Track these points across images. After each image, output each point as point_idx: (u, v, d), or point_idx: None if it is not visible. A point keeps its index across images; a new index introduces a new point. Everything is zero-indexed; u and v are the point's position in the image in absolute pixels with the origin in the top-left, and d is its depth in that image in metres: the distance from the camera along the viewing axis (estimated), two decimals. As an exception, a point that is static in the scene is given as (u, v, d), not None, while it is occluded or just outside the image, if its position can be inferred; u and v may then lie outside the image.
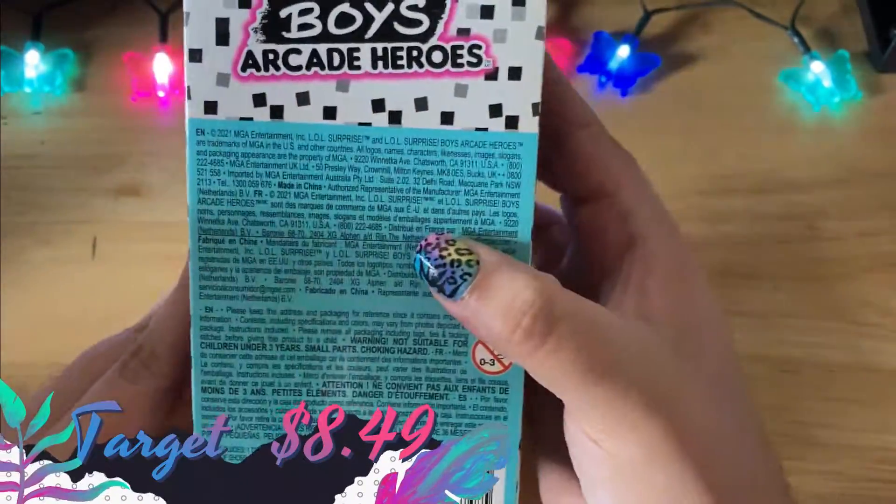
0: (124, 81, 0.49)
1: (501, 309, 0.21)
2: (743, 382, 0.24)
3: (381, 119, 0.22)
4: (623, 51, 0.49)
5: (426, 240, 0.22)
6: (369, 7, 0.22)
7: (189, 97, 0.22)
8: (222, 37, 0.22)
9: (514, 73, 0.22)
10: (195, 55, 0.22)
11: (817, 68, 0.49)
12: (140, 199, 0.46)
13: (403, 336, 0.23)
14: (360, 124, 0.22)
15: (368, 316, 0.23)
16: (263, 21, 0.22)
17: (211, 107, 0.22)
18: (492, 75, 0.22)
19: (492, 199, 0.23)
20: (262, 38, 0.22)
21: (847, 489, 0.38)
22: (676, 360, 0.23)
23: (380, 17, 0.22)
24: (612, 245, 0.25)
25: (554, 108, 0.27)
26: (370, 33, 0.22)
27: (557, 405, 0.25)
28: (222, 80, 0.22)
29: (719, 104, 0.49)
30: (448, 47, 0.22)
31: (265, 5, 0.22)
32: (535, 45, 0.22)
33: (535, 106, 0.22)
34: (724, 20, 0.52)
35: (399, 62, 0.22)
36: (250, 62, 0.22)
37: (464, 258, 0.22)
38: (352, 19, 0.22)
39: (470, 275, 0.22)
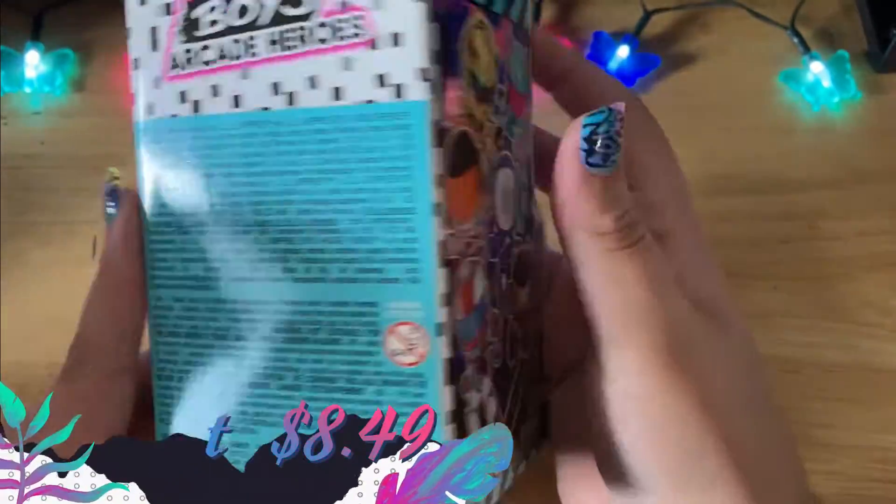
0: (124, 81, 0.49)
1: (620, 208, 0.22)
2: (762, 363, 0.25)
3: (280, 102, 0.22)
4: (623, 51, 0.49)
5: (619, 105, 0.22)
6: None
7: (135, 101, 0.24)
8: (154, 43, 0.23)
9: (396, 40, 0.21)
10: (136, 63, 0.24)
11: (817, 68, 0.49)
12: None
13: (317, 325, 0.22)
14: (262, 109, 0.22)
15: (285, 304, 0.23)
16: (182, 23, 0.23)
17: (149, 108, 0.24)
18: (373, 44, 0.21)
19: (388, 175, 0.21)
20: (183, 39, 0.23)
21: (847, 489, 0.38)
22: (707, 327, 0.24)
23: (270, 4, 0.22)
24: None
25: (587, 97, 0.27)
26: (264, 20, 0.22)
27: (571, 400, 0.26)
28: (156, 82, 0.24)
29: (719, 104, 0.49)
30: (331, 22, 0.22)
31: (183, 10, 0.23)
32: (414, 7, 0.21)
33: (421, 72, 0.21)
34: (724, 20, 0.52)
35: (289, 44, 0.22)
36: (175, 63, 0.23)
37: (620, 150, 0.22)
38: (248, 9, 0.23)
39: (615, 163, 0.22)
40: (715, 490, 0.22)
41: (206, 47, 0.23)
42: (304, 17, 0.22)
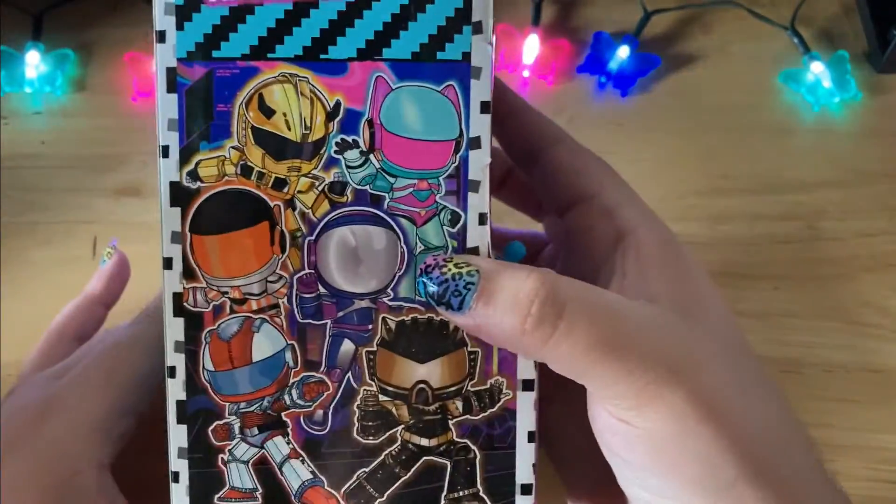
0: (124, 81, 0.49)
1: (509, 305, 0.22)
2: (749, 345, 0.25)
3: None
4: (623, 51, 0.49)
5: (425, 263, 0.23)
6: None
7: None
8: None
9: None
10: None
11: (817, 69, 0.49)
12: (140, 199, 0.46)
13: None
14: None
15: None
16: None
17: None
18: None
19: None
20: None
21: (847, 489, 0.38)
22: (685, 328, 0.23)
23: None
24: (601, 240, 0.26)
25: (523, 133, 0.28)
26: None
27: (569, 417, 0.26)
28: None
29: (719, 104, 0.49)
30: None
31: None
32: (160, 76, 0.23)
33: (160, 144, 0.24)
34: (724, 20, 0.52)
35: None
36: None
37: (463, 270, 0.22)
38: None
39: (473, 283, 0.22)
40: (738, 489, 0.22)
41: None
42: None
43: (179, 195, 0.24)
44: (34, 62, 0.50)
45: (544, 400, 0.25)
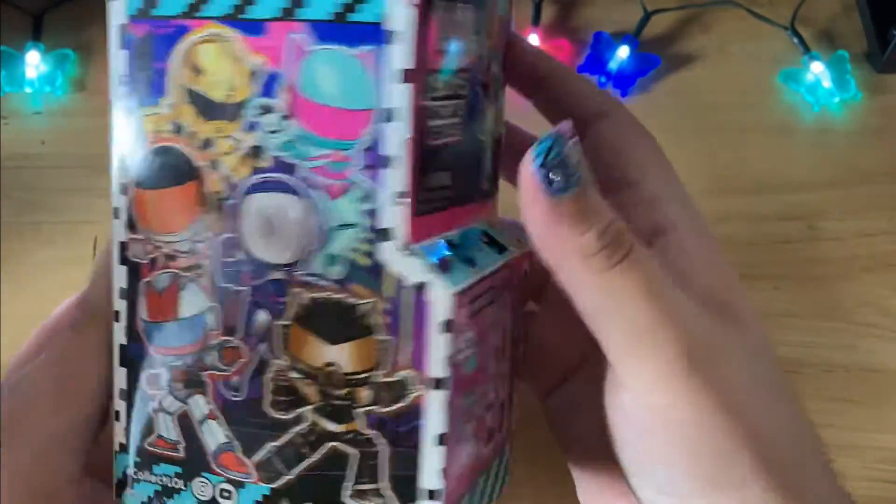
0: (125, 81, 0.49)
1: (600, 222, 0.21)
2: (771, 349, 0.25)
3: None
4: (623, 51, 0.49)
5: (560, 128, 0.21)
6: None
7: None
8: None
9: None
10: None
11: (817, 69, 0.49)
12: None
13: None
14: None
15: None
16: None
17: None
18: None
19: None
20: None
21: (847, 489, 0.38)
22: (712, 323, 0.23)
23: None
24: (641, 232, 0.25)
25: (565, 104, 0.27)
26: None
27: (576, 405, 0.25)
28: None
29: (719, 104, 0.49)
30: None
31: None
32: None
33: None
34: (724, 20, 0.52)
35: None
36: None
37: (582, 165, 0.21)
38: None
39: (580, 179, 0.21)
40: (748, 488, 0.22)
41: None
42: None
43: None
44: (34, 62, 0.50)
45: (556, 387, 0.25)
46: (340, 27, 0.21)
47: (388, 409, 0.22)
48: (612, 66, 0.49)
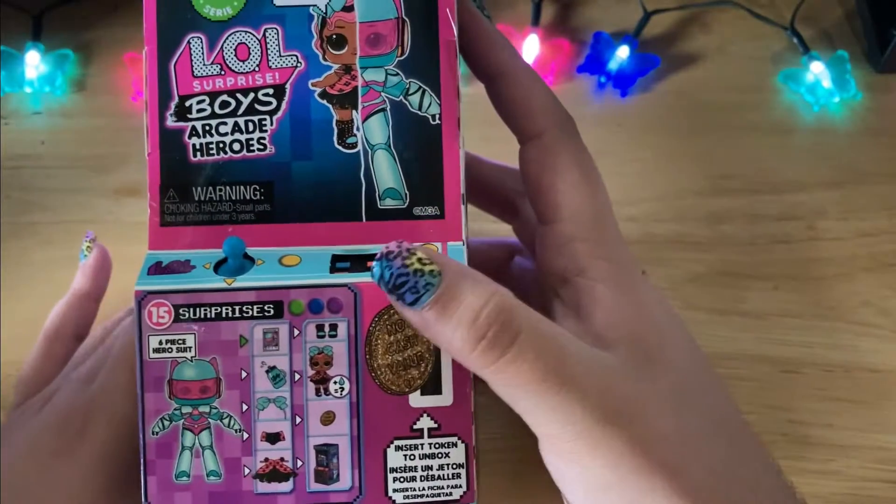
0: (124, 81, 0.49)
1: (465, 321, 0.21)
2: (714, 384, 0.24)
3: None
4: (623, 51, 0.49)
5: (387, 248, 0.22)
6: None
7: None
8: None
9: None
10: None
11: (817, 68, 0.49)
12: (140, 199, 0.46)
13: None
14: None
15: None
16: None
17: None
18: None
19: None
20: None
21: (846, 489, 0.38)
22: (632, 375, 0.23)
23: None
24: (554, 276, 0.25)
25: (475, 51, 0.26)
26: None
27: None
28: None
29: (719, 104, 0.49)
30: None
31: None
32: None
33: None
34: (724, 20, 0.52)
35: None
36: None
37: (426, 268, 0.21)
38: None
39: (433, 286, 0.21)
40: None
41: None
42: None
43: None
44: (34, 62, 0.50)
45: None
46: None
47: None
48: (612, 66, 0.49)
